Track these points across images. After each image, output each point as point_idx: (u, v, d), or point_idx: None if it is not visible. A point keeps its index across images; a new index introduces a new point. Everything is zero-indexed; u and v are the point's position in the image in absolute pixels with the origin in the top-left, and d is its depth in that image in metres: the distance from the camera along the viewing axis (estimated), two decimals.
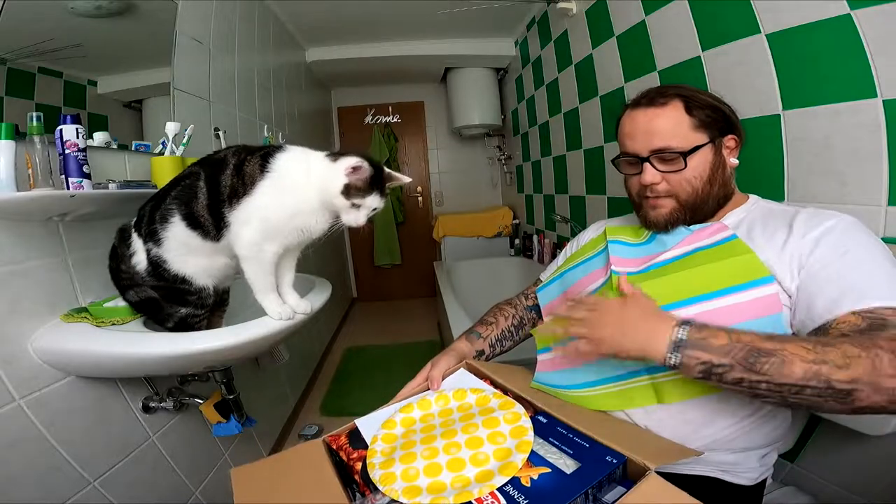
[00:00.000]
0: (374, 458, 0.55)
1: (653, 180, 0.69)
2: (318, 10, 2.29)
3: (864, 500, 0.84)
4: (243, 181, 0.73)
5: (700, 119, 0.67)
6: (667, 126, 0.67)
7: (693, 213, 0.70)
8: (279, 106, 2.27)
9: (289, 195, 0.74)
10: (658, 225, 0.72)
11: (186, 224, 0.76)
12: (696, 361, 0.50)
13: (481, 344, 0.84)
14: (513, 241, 3.18)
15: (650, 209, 0.72)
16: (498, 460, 0.50)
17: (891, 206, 0.79)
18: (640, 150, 0.69)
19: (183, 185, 0.77)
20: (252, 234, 0.74)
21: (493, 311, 0.92)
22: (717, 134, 0.68)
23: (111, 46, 1.07)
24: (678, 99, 0.68)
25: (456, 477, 0.49)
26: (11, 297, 0.76)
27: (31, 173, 0.73)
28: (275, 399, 1.81)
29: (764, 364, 0.47)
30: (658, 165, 0.68)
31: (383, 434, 0.59)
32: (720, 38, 1.12)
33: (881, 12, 0.77)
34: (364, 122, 3.73)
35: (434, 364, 0.75)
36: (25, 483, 0.76)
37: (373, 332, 3.19)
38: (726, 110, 0.69)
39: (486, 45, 2.89)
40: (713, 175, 0.68)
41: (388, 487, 0.49)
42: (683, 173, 0.67)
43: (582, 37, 1.89)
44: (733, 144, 0.70)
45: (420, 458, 0.52)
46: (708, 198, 0.69)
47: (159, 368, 0.87)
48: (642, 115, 0.70)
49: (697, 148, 0.66)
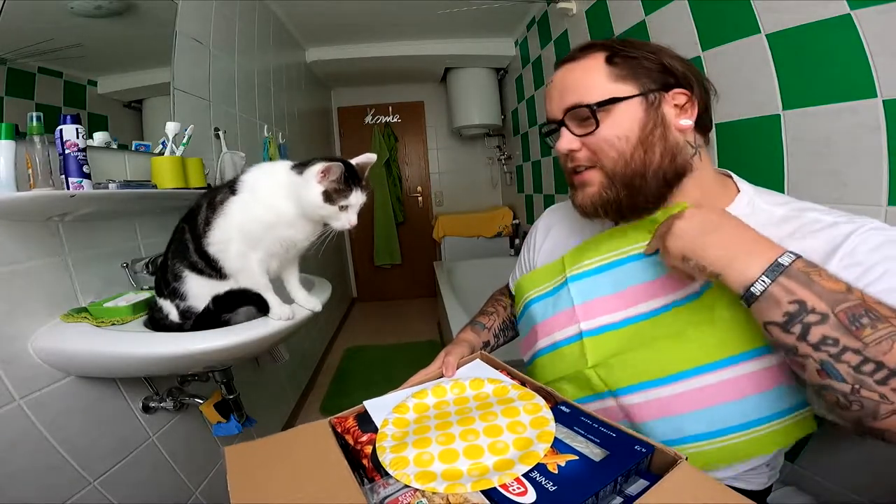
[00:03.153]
0: (384, 442, 0.52)
1: (568, 146, 0.57)
2: (318, 10, 2.29)
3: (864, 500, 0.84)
4: (213, 209, 0.76)
5: (625, 69, 0.55)
6: (581, 78, 0.56)
7: (628, 190, 0.56)
8: (279, 106, 2.27)
9: (260, 207, 0.74)
10: (586, 210, 0.60)
11: (196, 274, 0.80)
12: (790, 298, 0.40)
13: (486, 335, 0.82)
14: (513, 241, 3.18)
15: (578, 190, 0.60)
16: (518, 449, 0.47)
17: (891, 206, 0.79)
18: (555, 112, 0.59)
19: (176, 243, 0.82)
20: (238, 247, 0.76)
21: (492, 301, 0.90)
22: (653, 87, 0.55)
23: (111, 46, 1.07)
24: (600, 49, 0.57)
25: (474, 464, 0.46)
26: (11, 297, 0.76)
27: (31, 173, 0.73)
28: (275, 399, 1.81)
29: (867, 331, 0.37)
30: (574, 128, 0.57)
31: (394, 418, 0.56)
32: (720, 38, 1.12)
33: (881, 12, 0.77)
34: (364, 122, 3.73)
35: (449, 352, 0.71)
36: (25, 483, 0.76)
37: (373, 332, 3.19)
38: (668, 61, 0.56)
39: (486, 45, 2.89)
40: (646, 137, 0.54)
41: (400, 472, 0.46)
42: (601, 133, 0.54)
43: (582, 37, 1.88)
44: (683, 100, 0.55)
45: (435, 443, 0.50)
46: (644, 168, 0.55)
47: (159, 368, 0.87)
48: (560, 71, 0.59)
49: (615, 101, 0.54)
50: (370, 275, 3.95)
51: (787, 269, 0.41)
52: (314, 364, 2.51)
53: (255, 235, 0.75)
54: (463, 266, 3.10)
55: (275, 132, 2.08)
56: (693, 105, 0.56)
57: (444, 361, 0.68)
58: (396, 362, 2.61)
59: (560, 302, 0.66)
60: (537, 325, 0.70)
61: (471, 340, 0.77)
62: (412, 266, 3.89)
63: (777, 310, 0.41)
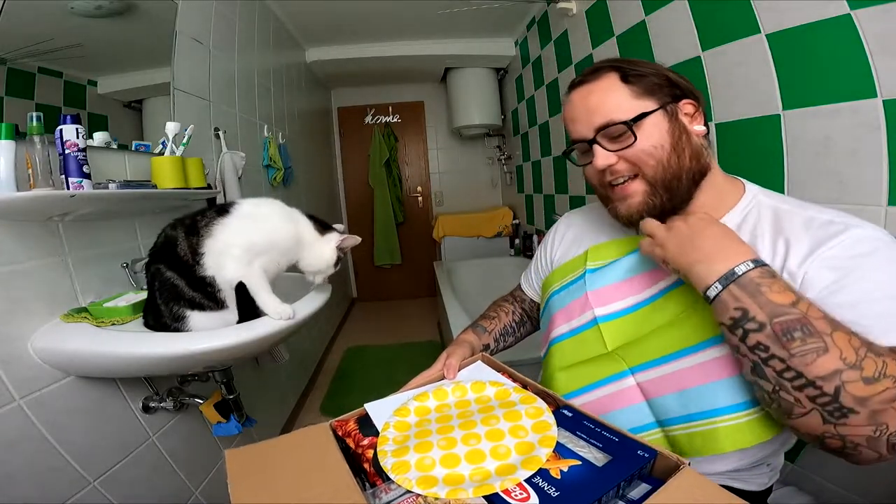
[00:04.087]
0: (385, 446, 0.51)
1: (606, 162, 0.60)
2: (318, 10, 2.29)
3: (864, 500, 0.84)
4: (199, 234, 0.77)
5: (641, 86, 0.60)
6: (604, 99, 0.60)
7: (669, 194, 0.60)
8: (279, 106, 2.27)
9: (263, 224, 0.81)
10: (632, 219, 0.63)
11: (197, 311, 0.79)
12: (734, 305, 0.45)
13: (487, 338, 0.83)
14: (513, 241, 3.18)
15: (619, 202, 0.64)
16: (520, 454, 0.47)
17: (891, 206, 0.79)
18: (584, 132, 0.62)
19: (159, 287, 0.79)
20: (239, 253, 0.77)
21: (493, 307, 0.91)
22: (667, 100, 0.60)
23: (111, 46, 1.07)
24: (612, 70, 0.61)
25: (475, 469, 0.46)
26: (11, 297, 0.76)
27: (31, 173, 0.73)
28: (275, 399, 1.81)
29: (797, 343, 0.42)
30: (607, 145, 0.61)
31: (396, 422, 0.56)
32: (720, 38, 1.12)
33: (881, 12, 0.77)
34: (364, 122, 3.73)
35: (450, 353, 0.71)
36: (25, 483, 0.76)
37: (373, 332, 3.19)
38: (672, 76, 0.62)
39: (486, 45, 2.89)
40: (677, 143, 0.59)
41: (402, 476, 0.45)
42: (639, 146, 0.59)
43: (582, 37, 1.88)
44: (692, 110, 0.61)
45: (437, 447, 0.49)
46: (680, 171, 0.59)
47: (159, 368, 0.87)
48: (578, 94, 0.63)
49: (645, 115, 0.59)
50: (370, 275, 3.95)
51: (739, 278, 0.46)
52: (314, 364, 2.51)
53: (260, 244, 0.80)
54: (463, 266, 3.10)
55: (275, 132, 2.08)
56: (700, 112, 0.62)
57: (445, 364, 0.68)
58: (396, 362, 2.61)
59: (577, 291, 0.72)
60: (556, 314, 0.74)
61: (472, 341, 0.78)
62: (412, 266, 3.89)
63: (725, 314, 0.47)
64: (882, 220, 0.80)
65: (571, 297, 0.72)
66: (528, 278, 0.91)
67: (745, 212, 0.61)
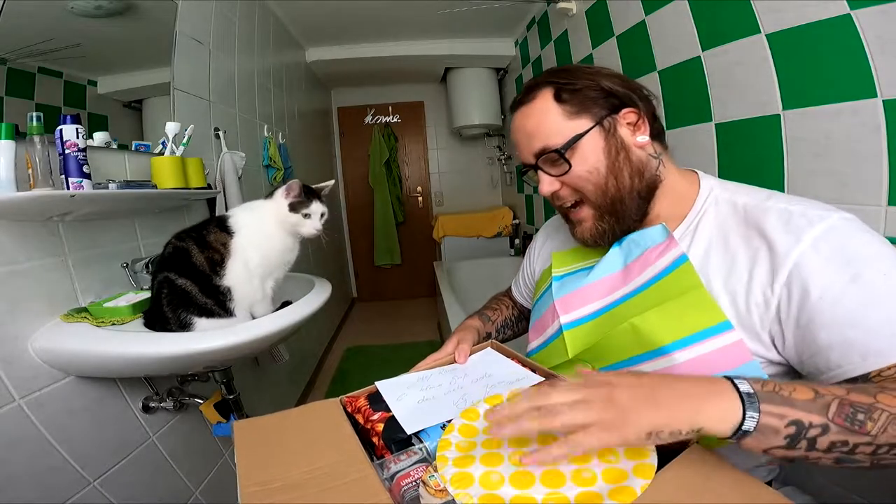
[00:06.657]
0: (446, 451, 0.45)
1: (550, 188, 0.59)
2: (318, 10, 2.29)
3: (864, 500, 0.84)
4: (214, 248, 0.84)
5: (575, 103, 0.56)
6: (540, 122, 0.58)
7: (615, 217, 0.58)
8: (279, 106, 2.27)
9: (264, 236, 0.89)
10: (587, 244, 0.63)
11: (205, 317, 0.83)
12: (784, 422, 0.37)
13: (490, 327, 0.84)
14: (513, 241, 3.18)
15: (575, 226, 0.63)
16: (608, 483, 0.39)
17: (891, 206, 0.79)
18: (526, 157, 0.61)
19: (168, 294, 0.82)
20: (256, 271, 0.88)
21: (495, 300, 0.93)
22: (604, 113, 0.56)
23: (111, 46, 1.07)
24: (547, 87, 0.58)
25: (551, 495, 0.39)
26: (11, 297, 0.76)
27: (31, 173, 0.73)
28: (275, 399, 1.81)
29: (869, 425, 0.37)
30: (549, 170, 0.58)
31: (461, 424, 0.49)
32: (720, 38, 1.12)
33: (881, 12, 0.77)
34: (364, 122, 3.73)
35: (462, 339, 0.70)
36: (25, 483, 0.76)
37: (373, 332, 3.19)
38: (606, 84, 0.57)
39: (486, 45, 2.88)
40: (614, 164, 0.56)
41: (462, 491, 0.39)
42: (574, 171, 0.56)
43: (582, 37, 1.88)
44: (634, 118, 0.57)
45: (508, 462, 0.43)
46: (621, 193, 0.57)
47: (159, 368, 0.87)
48: (518, 118, 0.61)
49: (577, 138, 0.55)
50: (370, 275, 3.95)
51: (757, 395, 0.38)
52: (314, 364, 2.51)
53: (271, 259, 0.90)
54: (463, 266, 3.10)
55: (275, 132, 2.08)
56: (643, 120, 0.58)
57: (458, 349, 0.68)
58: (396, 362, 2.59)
59: (548, 300, 0.70)
60: (533, 326, 0.73)
61: (478, 327, 0.79)
62: (412, 266, 3.89)
63: (776, 437, 0.38)
64: (882, 219, 0.80)
65: (545, 306, 0.71)
66: (518, 287, 0.92)
67: (700, 212, 0.57)
